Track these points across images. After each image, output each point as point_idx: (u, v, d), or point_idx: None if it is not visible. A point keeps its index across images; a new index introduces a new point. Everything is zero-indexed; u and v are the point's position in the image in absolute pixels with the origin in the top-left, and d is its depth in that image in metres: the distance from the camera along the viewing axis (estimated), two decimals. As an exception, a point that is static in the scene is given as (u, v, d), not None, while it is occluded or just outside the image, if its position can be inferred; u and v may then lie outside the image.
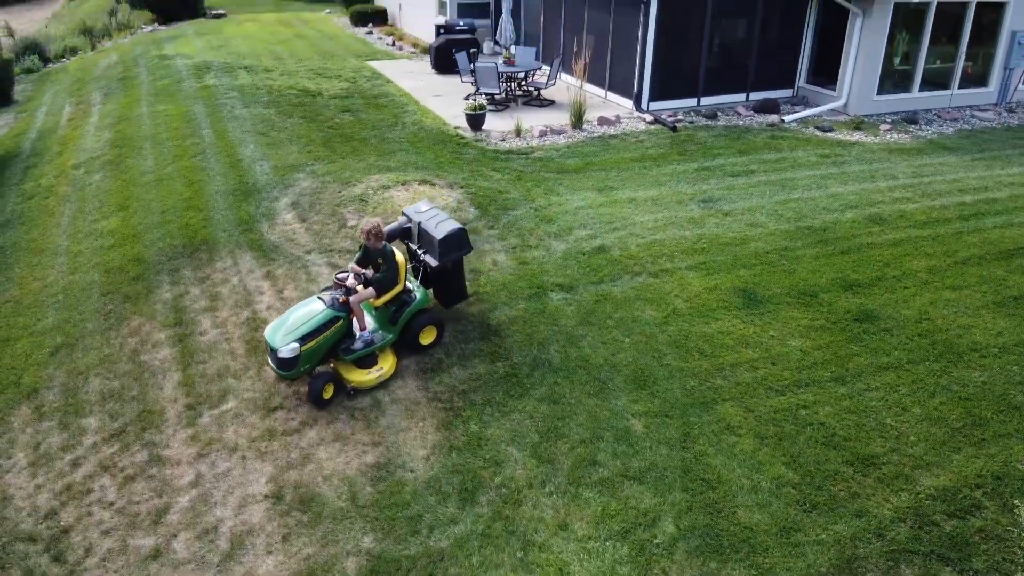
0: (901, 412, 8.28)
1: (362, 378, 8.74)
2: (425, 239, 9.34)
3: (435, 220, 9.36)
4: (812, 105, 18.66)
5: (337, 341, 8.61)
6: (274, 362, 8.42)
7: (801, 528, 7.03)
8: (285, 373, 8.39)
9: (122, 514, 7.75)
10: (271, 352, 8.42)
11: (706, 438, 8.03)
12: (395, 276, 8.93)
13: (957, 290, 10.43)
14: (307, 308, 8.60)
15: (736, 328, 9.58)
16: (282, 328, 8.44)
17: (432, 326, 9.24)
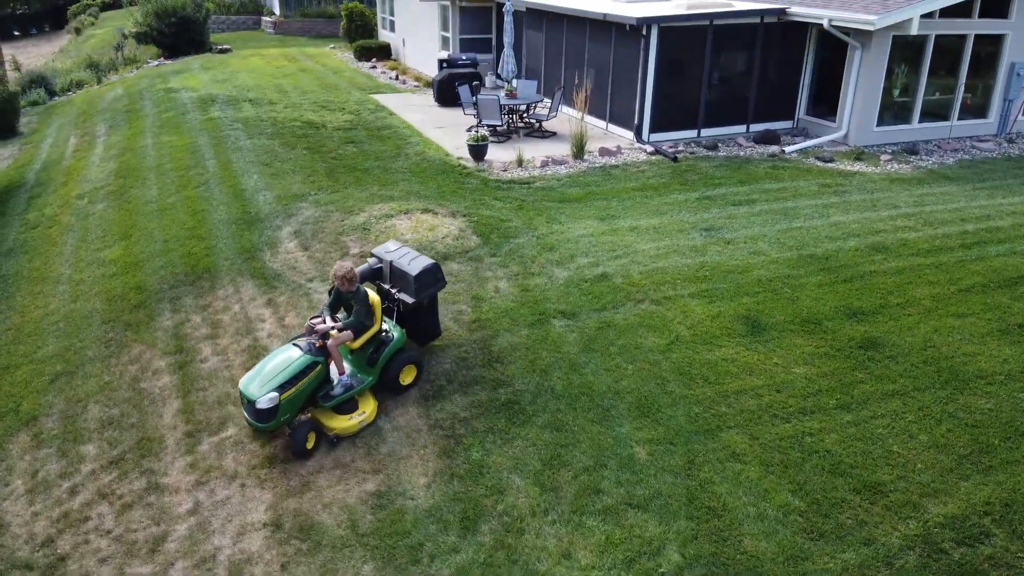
0: (908, 439, 8.19)
1: (344, 424, 8.48)
2: (398, 277, 9.24)
3: (407, 257, 9.28)
4: (812, 136, 18.77)
5: (316, 388, 8.38)
6: (251, 415, 8.07)
7: (809, 556, 6.91)
8: (263, 425, 8.05)
9: (119, 542, 7.65)
10: (248, 405, 8.09)
11: (711, 466, 7.93)
12: (371, 316, 8.74)
13: (961, 317, 10.38)
14: (283, 356, 8.32)
15: (740, 355, 9.53)
16: (258, 378, 8.13)
17: (412, 365, 9.08)
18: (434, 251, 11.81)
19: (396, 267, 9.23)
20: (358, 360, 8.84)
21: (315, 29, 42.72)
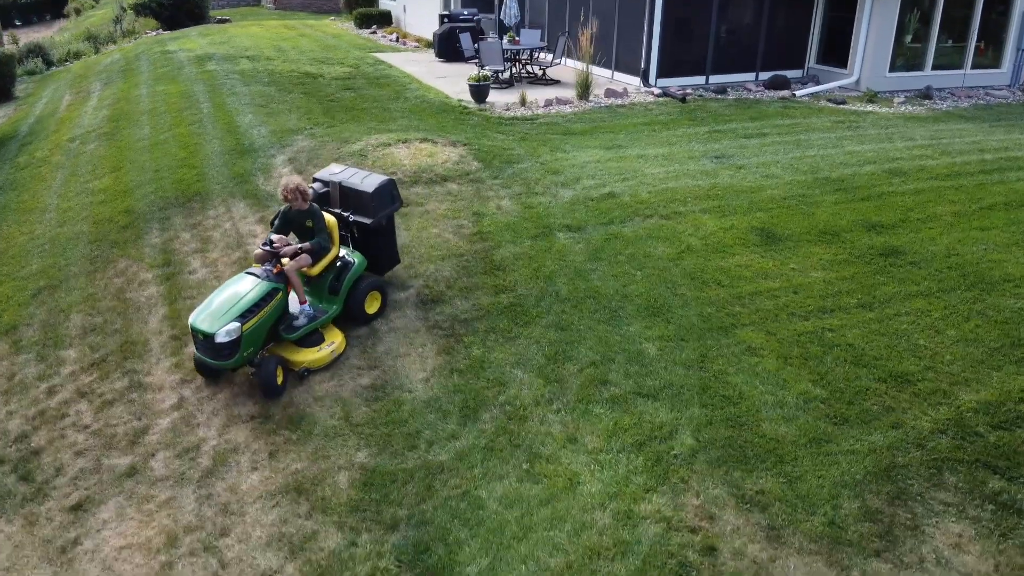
0: (934, 334, 7.71)
1: (313, 356, 7.60)
2: (351, 197, 8.33)
3: (358, 176, 8.44)
4: (823, 83, 18.24)
5: (278, 320, 7.46)
6: (208, 352, 7.09)
7: (832, 439, 6.44)
8: (224, 363, 7.09)
9: (97, 436, 7.20)
10: (203, 341, 7.07)
11: (725, 359, 7.46)
12: (329, 238, 7.86)
13: (985, 231, 9.91)
14: (237, 285, 7.39)
15: (754, 262, 9.05)
16: (209, 311, 7.17)
17: (376, 291, 8.30)
18: (432, 174, 11.35)
19: (347, 187, 8.32)
20: (317, 289, 8.02)
21: (315, 5, 42.30)
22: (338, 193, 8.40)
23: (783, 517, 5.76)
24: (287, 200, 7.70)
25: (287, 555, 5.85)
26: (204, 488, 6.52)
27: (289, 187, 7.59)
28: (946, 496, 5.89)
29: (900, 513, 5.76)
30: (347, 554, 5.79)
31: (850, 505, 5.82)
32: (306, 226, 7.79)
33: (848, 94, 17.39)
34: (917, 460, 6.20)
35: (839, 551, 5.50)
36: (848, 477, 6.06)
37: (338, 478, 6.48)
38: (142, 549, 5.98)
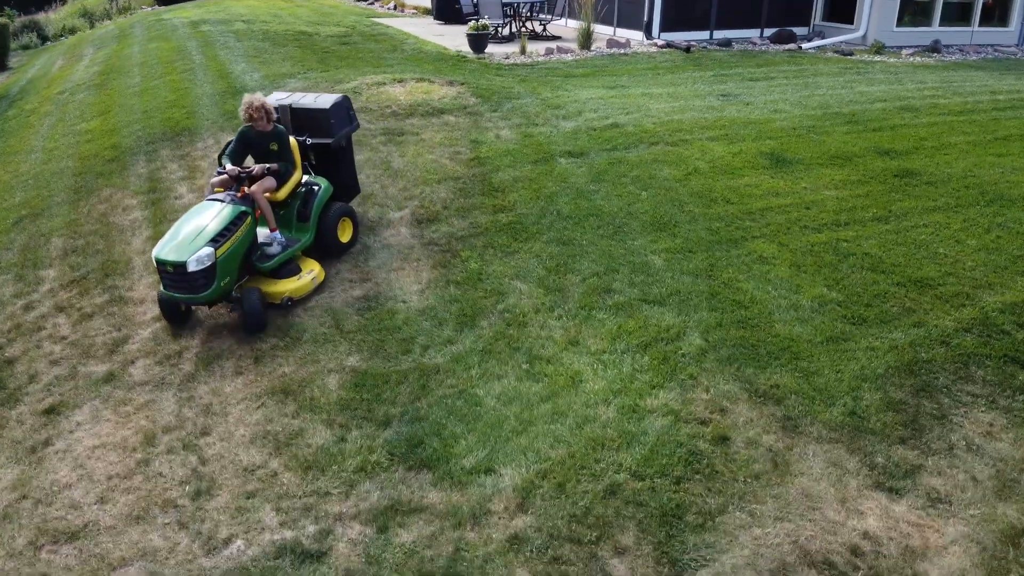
0: (954, 244, 7.34)
1: (294, 284, 6.95)
2: (305, 118, 7.61)
3: (309, 97, 7.73)
4: (829, 38, 17.84)
5: (250, 248, 6.75)
6: (179, 286, 6.31)
7: (850, 338, 6.07)
8: (199, 296, 6.34)
9: (75, 347, 6.82)
10: (172, 274, 6.25)
11: (735, 268, 7.08)
12: (294, 162, 7.23)
13: (1001, 156, 9.54)
14: (202, 213, 6.57)
15: (764, 182, 8.68)
16: (176, 241, 6.35)
17: (346, 217, 7.66)
18: (429, 107, 10.98)
19: (300, 108, 7.59)
20: (284, 219, 7.30)
21: (313, -17, 41.76)
22: (289, 116, 7.60)
23: (799, 409, 5.39)
24: (251, 119, 6.96)
25: (271, 451, 5.48)
26: (185, 392, 6.15)
27: (255, 104, 6.88)
28: (974, 388, 5.53)
29: (925, 404, 5.39)
30: (336, 449, 5.43)
31: (871, 397, 5.45)
32: (270, 149, 7.06)
33: (855, 48, 16.98)
34: (942, 356, 5.83)
35: (861, 439, 5.13)
36: (868, 371, 5.68)
37: (327, 380, 6.11)
38: (117, 448, 5.61)
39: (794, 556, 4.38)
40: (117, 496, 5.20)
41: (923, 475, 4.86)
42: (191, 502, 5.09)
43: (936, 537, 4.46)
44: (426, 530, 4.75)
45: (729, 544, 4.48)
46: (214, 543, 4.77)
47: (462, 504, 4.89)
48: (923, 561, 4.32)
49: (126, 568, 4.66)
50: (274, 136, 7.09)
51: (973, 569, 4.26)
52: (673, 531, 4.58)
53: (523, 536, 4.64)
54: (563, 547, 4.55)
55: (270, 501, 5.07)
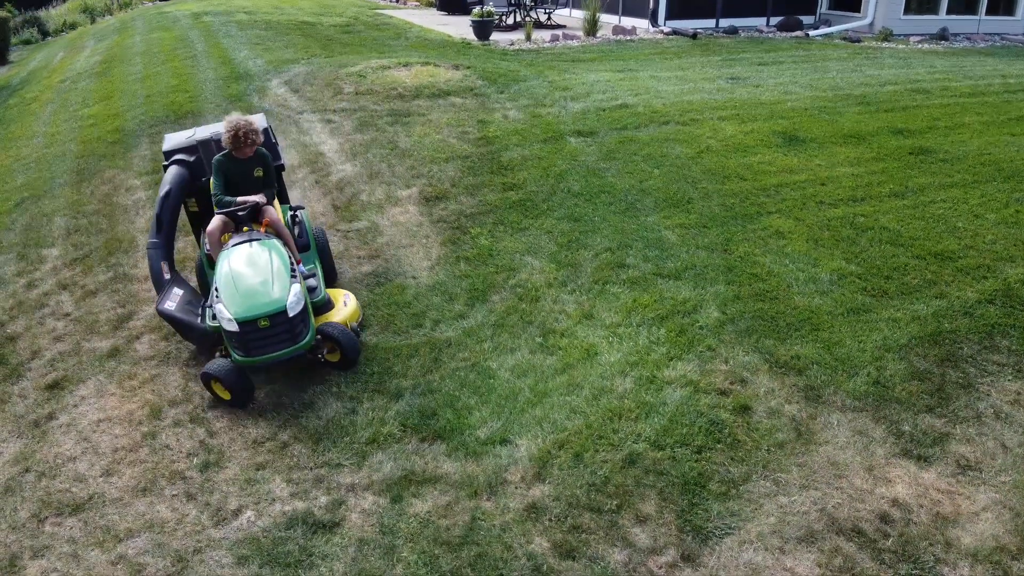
0: (974, 218, 7.20)
1: (350, 311, 6.05)
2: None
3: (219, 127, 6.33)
4: (836, 26, 17.71)
5: None
6: (275, 340, 5.29)
7: (871, 309, 5.94)
8: (302, 343, 5.38)
9: (78, 323, 6.69)
10: (265, 329, 5.23)
11: (751, 243, 6.95)
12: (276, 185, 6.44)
13: (1016, 136, 9.41)
14: (255, 257, 5.51)
15: (778, 160, 8.54)
16: (250, 292, 5.28)
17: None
18: (435, 89, 10.84)
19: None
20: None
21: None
22: (216, 150, 6.35)
23: (822, 378, 5.25)
24: (244, 144, 5.79)
25: (281, 424, 5.37)
26: (192, 367, 6.02)
27: (252, 127, 5.78)
28: (999, 358, 5.39)
29: (951, 373, 5.25)
30: (347, 421, 5.29)
31: (895, 366, 5.31)
32: (255, 176, 5.99)
33: (862, 35, 16.84)
34: (965, 326, 5.70)
35: (886, 407, 4.99)
36: (891, 342, 5.55)
37: (336, 354, 5.95)
38: (123, 421, 5.48)
39: (822, 524, 4.24)
40: (123, 469, 5.07)
41: (951, 443, 4.72)
42: (199, 474, 4.96)
43: (967, 504, 4.33)
44: (441, 500, 4.61)
45: (754, 512, 4.35)
46: (223, 514, 4.64)
47: (477, 474, 4.76)
48: (955, 528, 4.19)
49: (133, 539, 4.52)
50: (259, 161, 6.00)
51: (1007, 535, 4.12)
52: (696, 500, 4.44)
53: (541, 505, 4.50)
54: (582, 516, 4.42)
55: (280, 472, 4.93)
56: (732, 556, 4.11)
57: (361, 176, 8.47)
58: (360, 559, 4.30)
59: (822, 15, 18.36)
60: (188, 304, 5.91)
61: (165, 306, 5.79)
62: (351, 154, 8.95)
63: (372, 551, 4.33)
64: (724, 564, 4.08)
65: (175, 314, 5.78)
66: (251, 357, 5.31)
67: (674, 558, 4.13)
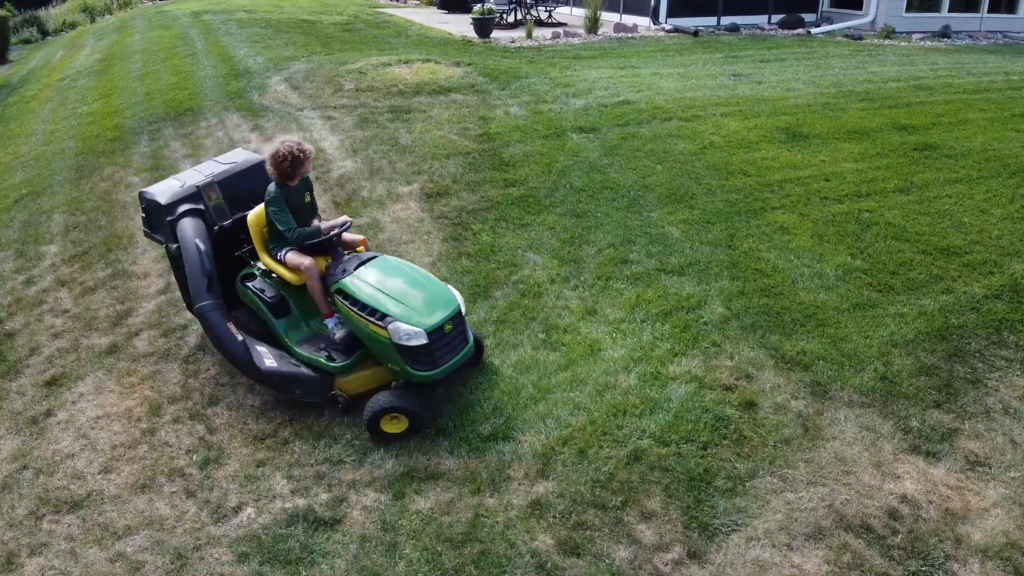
0: (980, 213, 7.14)
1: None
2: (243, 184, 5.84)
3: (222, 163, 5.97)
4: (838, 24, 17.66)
5: None
6: (459, 342, 5.10)
7: (878, 305, 5.87)
8: (469, 344, 5.23)
9: (77, 320, 6.64)
10: (451, 333, 5.00)
11: (755, 238, 6.89)
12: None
13: (1020, 132, 9.38)
14: (399, 268, 5.34)
15: (781, 155, 8.48)
16: (423, 302, 5.04)
17: None
18: (436, 86, 10.79)
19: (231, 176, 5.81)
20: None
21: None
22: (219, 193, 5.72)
23: (828, 374, 5.20)
24: (303, 167, 5.29)
25: (282, 421, 5.31)
26: (192, 364, 5.96)
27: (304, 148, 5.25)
28: (1007, 353, 5.33)
29: (959, 368, 5.20)
30: (348, 419, 5.22)
31: (902, 362, 5.26)
32: (306, 203, 5.55)
33: (864, 33, 16.79)
34: (973, 322, 5.64)
35: (894, 403, 4.93)
36: (898, 337, 5.49)
37: (337, 350, 5.88)
38: (121, 418, 5.42)
39: (829, 520, 4.19)
40: (121, 466, 5.01)
41: (960, 438, 4.66)
42: (199, 471, 4.91)
43: (977, 500, 4.27)
44: (443, 497, 4.56)
45: (761, 509, 4.29)
46: (223, 511, 4.58)
47: (480, 470, 4.71)
48: (965, 523, 4.13)
49: (132, 536, 4.47)
50: (306, 186, 5.55)
51: (1017, 530, 4.07)
52: (702, 496, 4.38)
53: (545, 502, 4.45)
54: (587, 512, 4.36)
55: (281, 469, 4.88)
56: (739, 553, 4.05)
57: (362, 172, 8.41)
58: (362, 556, 4.24)
59: (824, 13, 18.31)
60: (281, 357, 5.29)
61: (269, 365, 5.16)
62: (352, 151, 8.89)
63: (374, 548, 4.27)
64: (731, 561, 4.02)
65: (286, 370, 5.17)
66: (439, 367, 4.93)
67: (680, 555, 4.08)
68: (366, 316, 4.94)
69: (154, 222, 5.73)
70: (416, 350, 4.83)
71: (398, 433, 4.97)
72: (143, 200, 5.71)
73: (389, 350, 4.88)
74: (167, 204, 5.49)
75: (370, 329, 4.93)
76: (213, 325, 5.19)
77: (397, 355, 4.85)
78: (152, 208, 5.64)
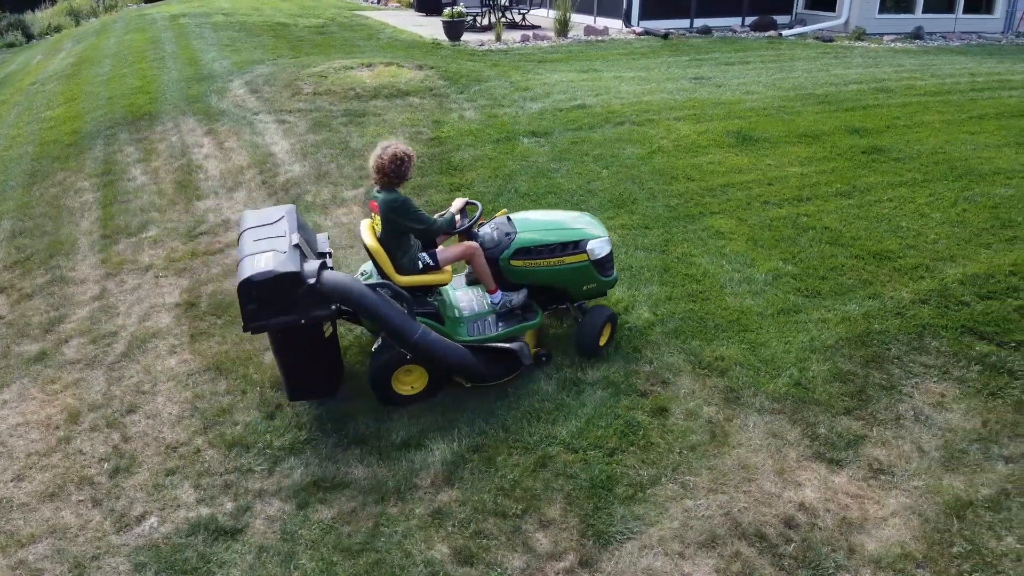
0: (918, 217, 7.13)
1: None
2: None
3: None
4: (811, 26, 17.64)
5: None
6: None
7: (802, 310, 5.87)
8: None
9: (11, 326, 6.62)
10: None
11: (691, 243, 6.88)
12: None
13: (974, 134, 9.33)
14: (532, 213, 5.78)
15: (728, 159, 8.47)
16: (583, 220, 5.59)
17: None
18: (394, 89, 10.77)
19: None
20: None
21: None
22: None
23: (743, 380, 5.18)
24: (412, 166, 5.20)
25: (197, 429, 5.27)
26: (116, 371, 5.94)
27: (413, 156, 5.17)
28: (927, 359, 5.32)
29: (875, 374, 5.18)
30: (263, 427, 5.22)
31: (819, 368, 5.24)
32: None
33: (836, 35, 16.79)
34: (896, 327, 5.62)
35: (804, 409, 4.92)
36: (818, 343, 5.48)
37: (265, 358, 5.90)
38: (40, 426, 5.40)
39: (725, 528, 4.17)
40: (34, 474, 4.99)
41: (866, 445, 4.65)
42: (108, 479, 4.89)
43: (876, 508, 4.26)
44: (347, 506, 4.54)
45: (658, 516, 4.28)
46: (127, 520, 4.56)
47: (387, 479, 4.69)
48: (860, 533, 4.12)
49: (35, 545, 4.45)
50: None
51: (913, 541, 4.05)
52: (601, 503, 4.37)
53: (446, 510, 4.43)
54: (486, 521, 4.34)
55: (190, 478, 4.86)
56: (631, 561, 4.04)
57: (309, 177, 8.40)
58: (257, 566, 4.23)
59: (798, 15, 18.30)
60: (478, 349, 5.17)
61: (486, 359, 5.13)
62: (301, 155, 8.88)
63: (271, 558, 4.26)
64: (622, 570, 4.01)
65: (503, 349, 5.16)
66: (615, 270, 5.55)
67: (572, 563, 4.06)
68: (560, 255, 5.21)
69: (280, 304, 4.70)
70: (605, 259, 5.34)
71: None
72: (252, 288, 4.60)
73: (586, 272, 5.28)
74: (300, 272, 4.65)
75: (566, 264, 5.23)
76: (439, 346, 4.86)
77: (593, 272, 5.30)
78: (277, 287, 4.62)
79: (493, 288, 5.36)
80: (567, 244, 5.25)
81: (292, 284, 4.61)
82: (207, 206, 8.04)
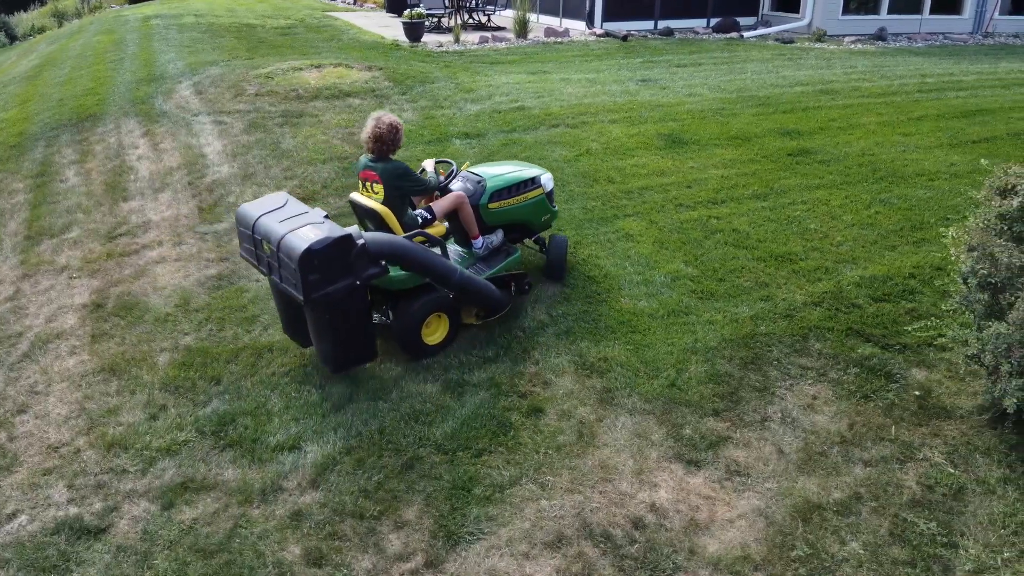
0: (829, 220, 7.17)
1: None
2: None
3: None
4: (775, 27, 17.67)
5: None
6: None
7: (693, 311, 5.91)
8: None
9: (-82, 328, 6.62)
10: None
11: (599, 245, 6.92)
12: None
13: (908, 136, 9.36)
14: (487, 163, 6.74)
15: (652, 162, 8.50)
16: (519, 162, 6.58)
17: None
18: (336, 90, 10.81)
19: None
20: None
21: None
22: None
23: (621, 381, 5.22)
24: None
25: (82, 430, 5.31)
26: (15, 371, 5.98)
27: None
28: (807, 361, 5.36)
29: (750, 376, 5.22)
30: (145, 427, 5.25)
31: (696, 369, 5.28)
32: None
33: (798, 36, 16.81)
34: (782, 329, 5.66)
35: (674, 411, 4.96)
36: (701, 344, 5.52)
37: (158, 359, 5.94)
38: (-72, 427, 5.43)
39: (573, 528, 4.21)
40: (-87, 475, 5.02)
41: (727, 447, 4.69)
42: (-15, 479, 4.91)
43: (725, 510, 4.29)
44: (211, 507, 4.58)
45: (511, 516, 4.31)
46: (-5, 520, 4.59)
47: (255, 481, 4.72)
48: (704, 535, 4.15)
49: (-100, 547, 4.48)
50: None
51: (755, 543, 4.09)
52: (458, 504, 4.41)
53: (306, 512, 4.47)
54: (343, 523, 4.38)
55: (65, 478, 4.90)
56: (476, 562, 4.08)
57: (235, 177, 8.44)
58: (113, 565, 4.26)
59: (764, 16, 18.33)
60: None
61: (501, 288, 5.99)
62: (232, 155, 8.92)
63: (127, 557, 4.29)
64: (466, 571, 4.04)
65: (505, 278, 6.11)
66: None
67: (418, 565, 4.10)
68: (524, 192, 6.12)
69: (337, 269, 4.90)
70: (551, 191, 6.35)
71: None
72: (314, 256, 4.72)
73: (543, 204, 6.26)
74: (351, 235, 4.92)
75: (530, 198, 6.17)
76: (475, 280, 5.53)
77: (547, 203, 6.28)
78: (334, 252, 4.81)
79: (476, 233, 5.97)
80: (527, 181, 6.11)
81: (347, 247, 4.86)
82: (131, 207, 8.08)
